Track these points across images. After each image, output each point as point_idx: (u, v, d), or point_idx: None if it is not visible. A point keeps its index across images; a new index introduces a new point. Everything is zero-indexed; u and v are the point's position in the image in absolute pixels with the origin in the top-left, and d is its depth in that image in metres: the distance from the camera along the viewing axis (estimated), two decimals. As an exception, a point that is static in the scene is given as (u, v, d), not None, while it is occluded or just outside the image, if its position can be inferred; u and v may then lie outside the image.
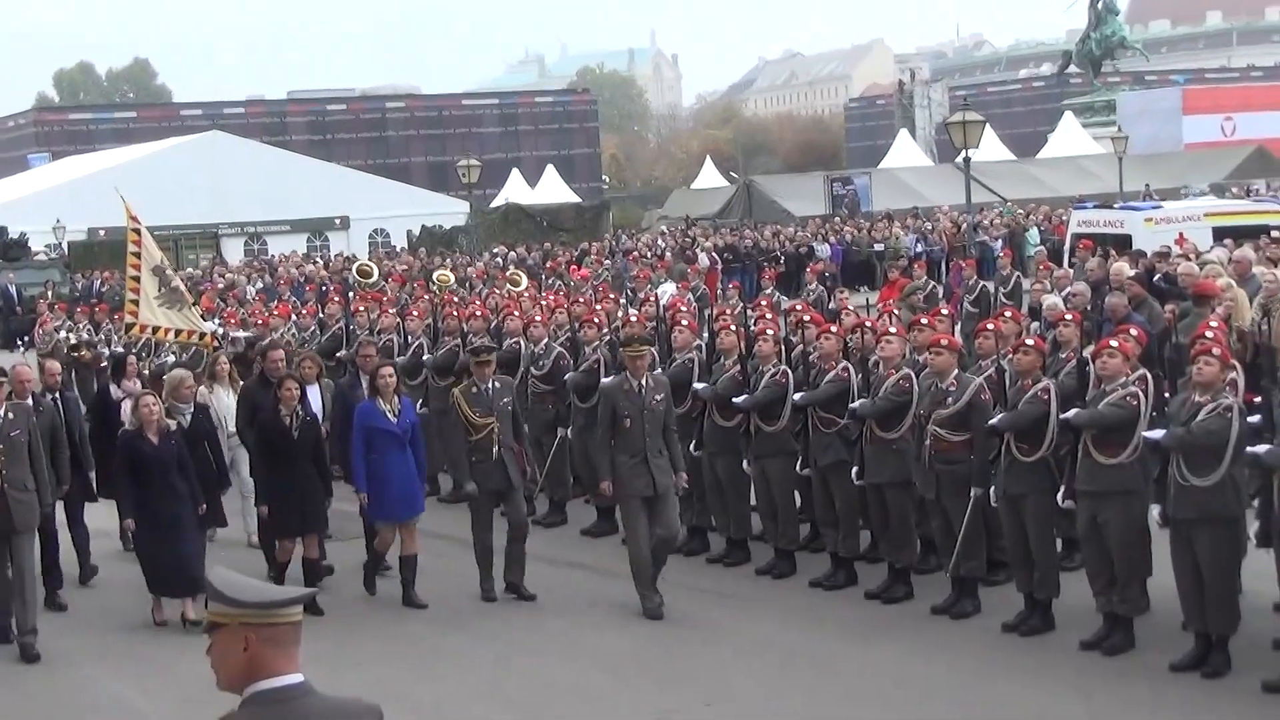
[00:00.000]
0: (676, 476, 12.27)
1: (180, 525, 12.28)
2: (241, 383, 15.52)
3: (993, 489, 11.24)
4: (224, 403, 15.24)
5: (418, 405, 15.76)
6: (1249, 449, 9.67)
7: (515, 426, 13.04)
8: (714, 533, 13.84)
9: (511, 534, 12.85)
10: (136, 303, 17.83)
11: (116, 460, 12.67)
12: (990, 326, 12.81)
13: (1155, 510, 10.22)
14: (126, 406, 13.88)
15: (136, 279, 17.82)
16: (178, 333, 18.10)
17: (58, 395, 14.18)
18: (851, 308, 16.23)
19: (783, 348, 13.63)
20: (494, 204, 65.45)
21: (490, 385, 12.89)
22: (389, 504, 12.86)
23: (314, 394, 14.42)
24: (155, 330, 18.14)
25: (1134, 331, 11.48)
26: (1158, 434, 10.00)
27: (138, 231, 17.77)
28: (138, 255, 17.73)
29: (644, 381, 12.21)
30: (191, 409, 13.78)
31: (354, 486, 13.06)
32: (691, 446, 13.46)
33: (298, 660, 4.15)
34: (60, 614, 13.01)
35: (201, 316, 20.13)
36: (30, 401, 12.63)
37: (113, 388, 15.70)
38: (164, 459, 12.30)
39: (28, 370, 13.09)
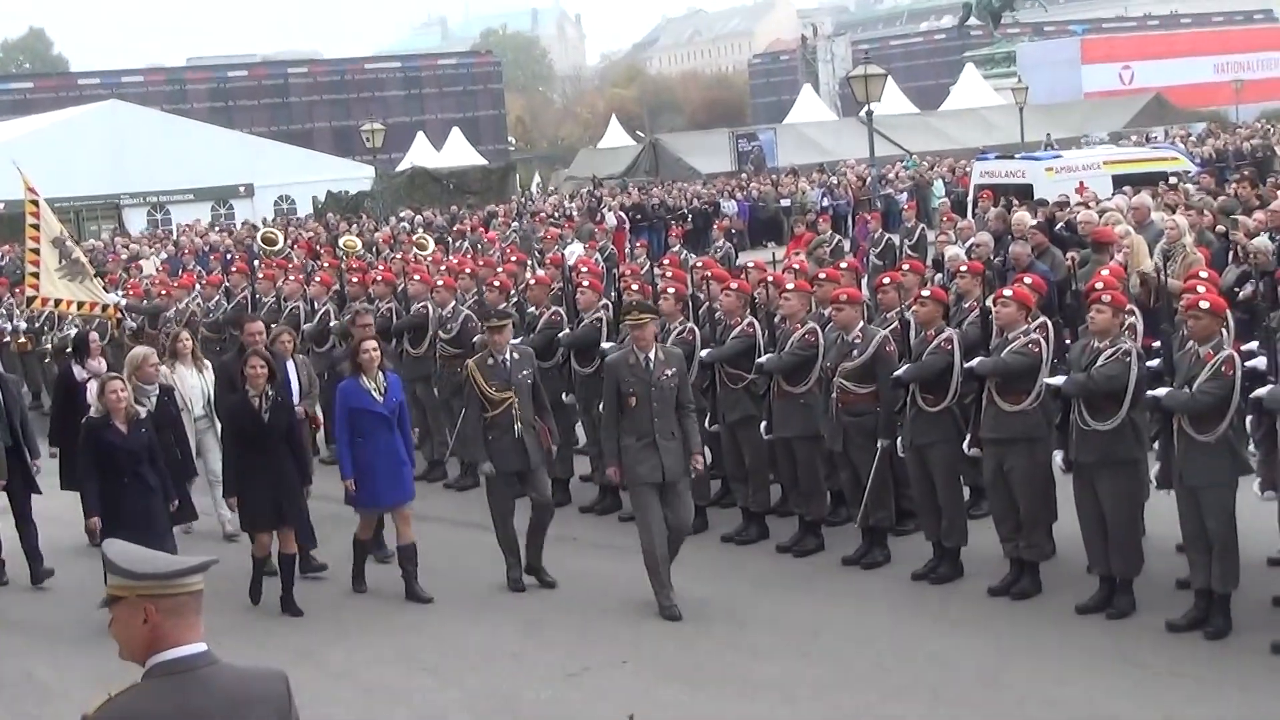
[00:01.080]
0: (692, 458, 11.11)
1: (152, 522, 11.17)
2: (208, 359, 15.02)
3: (899, 440, 11.36)
4: (188, 383, 14.17)
5: (323, 376, 15.67)
6: (1149, 393, 9.83)
7: (537, 400, 11.93)
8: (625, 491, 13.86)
9: (535, 516, 11.89)
10: (37, 275, 17.57)
11: (81, 451, 11.62)
12: (889, 280, 12.92)
13: (1058, 456, 10.37)
14: (92, 389, 13.04)
15: (36, 251, 17.56)
16: (80, 305, 17.86)
17: None
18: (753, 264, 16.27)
19: (690, 305, 13.67)
20: (399, 168, 65.00)
21: (508, 356, 11.77)
22: (378, 491, 11.81)
23: (291, 370, 13.93)
24: (57, 303, 17.90)
25: (1029, 280, 11.60)
26: (1059, 380, 10.14)
27: (35, 203, 17.51)
28: (36, 227, 17.47)
29: (652, 355, 11.01)
30: (156, 391, 12.82)
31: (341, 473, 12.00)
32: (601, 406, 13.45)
33: (200, 629, 4.15)
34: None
35: (104, 289, 19.88)
36: None
37: (75, 368, 14.69)
38: (134, 449, 11.36)
39: None
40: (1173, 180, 24.34)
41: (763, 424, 12.41)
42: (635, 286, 14.08)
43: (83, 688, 9.57)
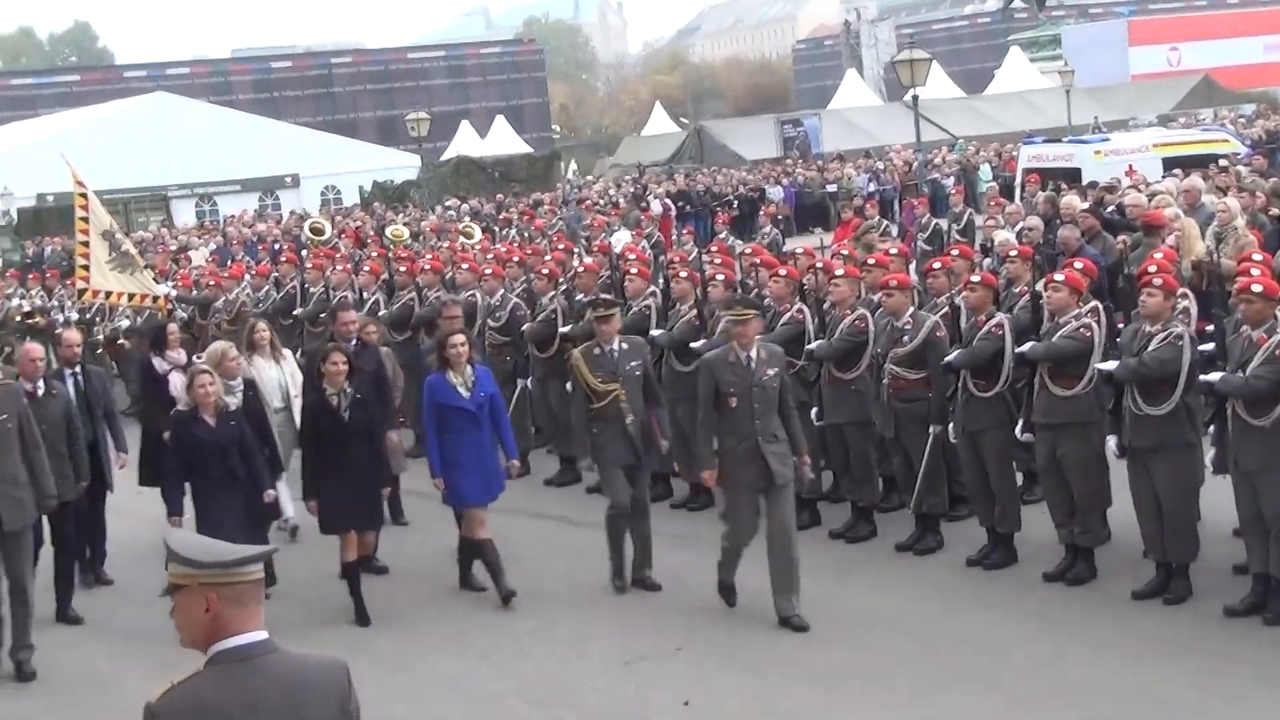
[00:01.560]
0: (799, 460, 10.49)
1: (239, 518, 10.74)
2: (289, 351, 14.76)
3: (951, 425, 11.33)
4: (266, 375, 13.53)
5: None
6: (1202, 377, 9.76)
7: (648, 393, 11.40)
8: (678, 478, 13.85)
9: (632, 514, 11.37)
10: (87, 268, 17.71)
11: (171, 446, 11.33)
12: (939, 265, 12.87)
13: (1112, 441, 10.31)
14: (175, 381, 12.90)
15: (86, 244, 17.69)
16: (130, 297, 17.99)
17: (78, 371, 12.73)
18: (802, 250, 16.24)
19: (738, 291, 13.64)
20: (444, 157, 65.07)
21: (616, 346, 11.31)
22: (464, 489, 11.41)
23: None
24: (108, 295, 18.03)
25: (1080, 264, 11.53)
26: (1111, 365, 10.08)
27: (85, 196, 17.63)
28: (86, 220, 17.60)
29: (754, 353, 10.34)
30: (241, 385, 12.38)
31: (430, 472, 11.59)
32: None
33: (260, 618, 4.18)
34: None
35: (154, 280, 20.01)
36: (40, 384, 11.45)
37: (156, 360, 14.11)
38: (222, 444, 10.94)
39: (38, 348, 11.67)
40: (1223, 163, 24.13)
41: (814, 410, 12.38)
42: (684, 274, 14.07)
43: (142, 680, 9.66)
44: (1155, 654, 9.30)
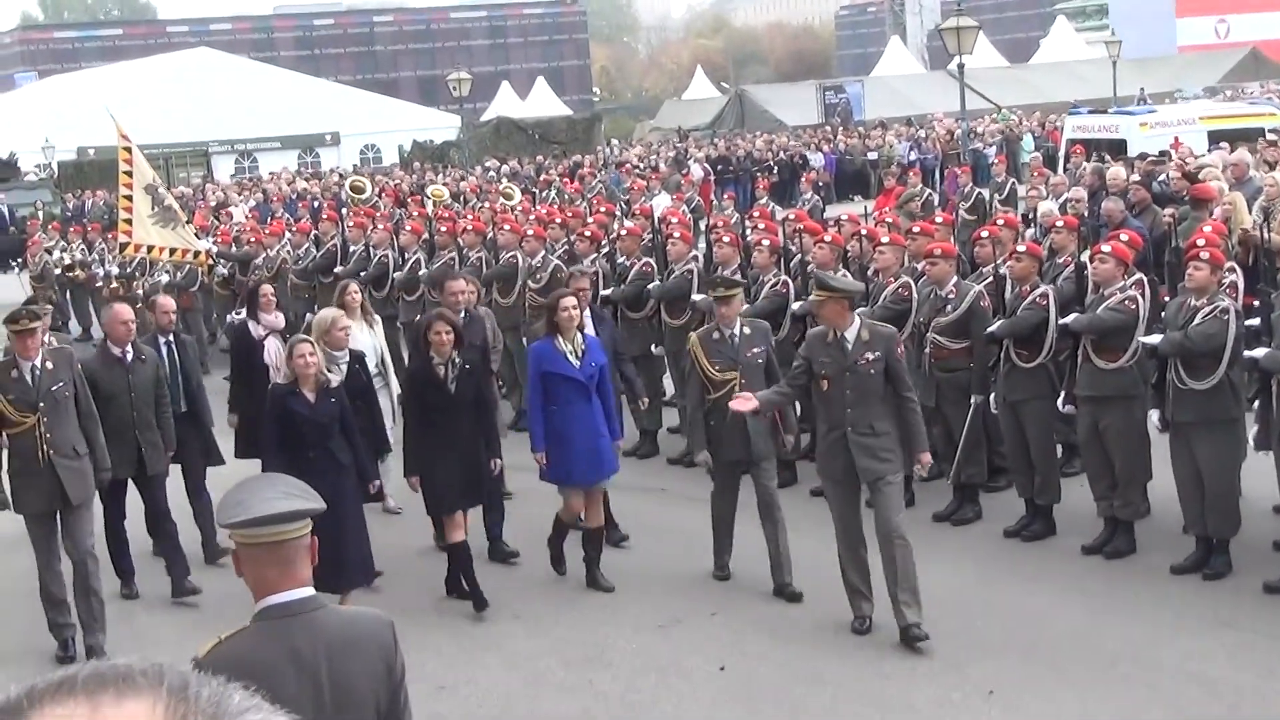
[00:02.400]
0: (916, 456, 9.52)
1: (339, 500, 9.18)
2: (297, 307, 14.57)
3: (992, 395, 11.27)
4: (360, 341, 12.17)
5: (397, 321, 15.67)
6: (1247, 353, 9.69)
7: (771, 380, 10.22)
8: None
9: (761, 512, 10.38)
10: (130, 222, 17.73)
11: (265, 420, 10.27)
12: (986, 234, 12.80)
13: (1154, 415, 10.25)
14: (272, 348, 12.24)
15: (129, 198, 17.72)
16: (172, 251, 18.03)
17: (172, 339, 11.98)
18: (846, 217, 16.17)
19: (781, 257, 13.61)
20: (484, 118, 65.09)
21: (738, 330, 10.31)
22: (571, 466, 10.56)
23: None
24: (150, 249, 18.06)
25: (1126, 236, 11.44)
26: (1155, 339, 10.01)
27: (129, 150, 17.65)
28: (129, 174, 17.62)
29: (852, 334, 9.22)
30: (347, 356, 11.28)
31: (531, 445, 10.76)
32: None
33: (305, 575, 4.23)
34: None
35: (195, 235, 20.06)
36: (129, 349, 10.89)
37: (251, 325, 13.16)
38: (322, 421, 9.96)
39: (126, 310, 11.04)
40: (1271, 136, 23.93)
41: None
42: (726, 239, 14.04)
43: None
44: (1192, 629, 9.25)
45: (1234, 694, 8.35)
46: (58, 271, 25.05)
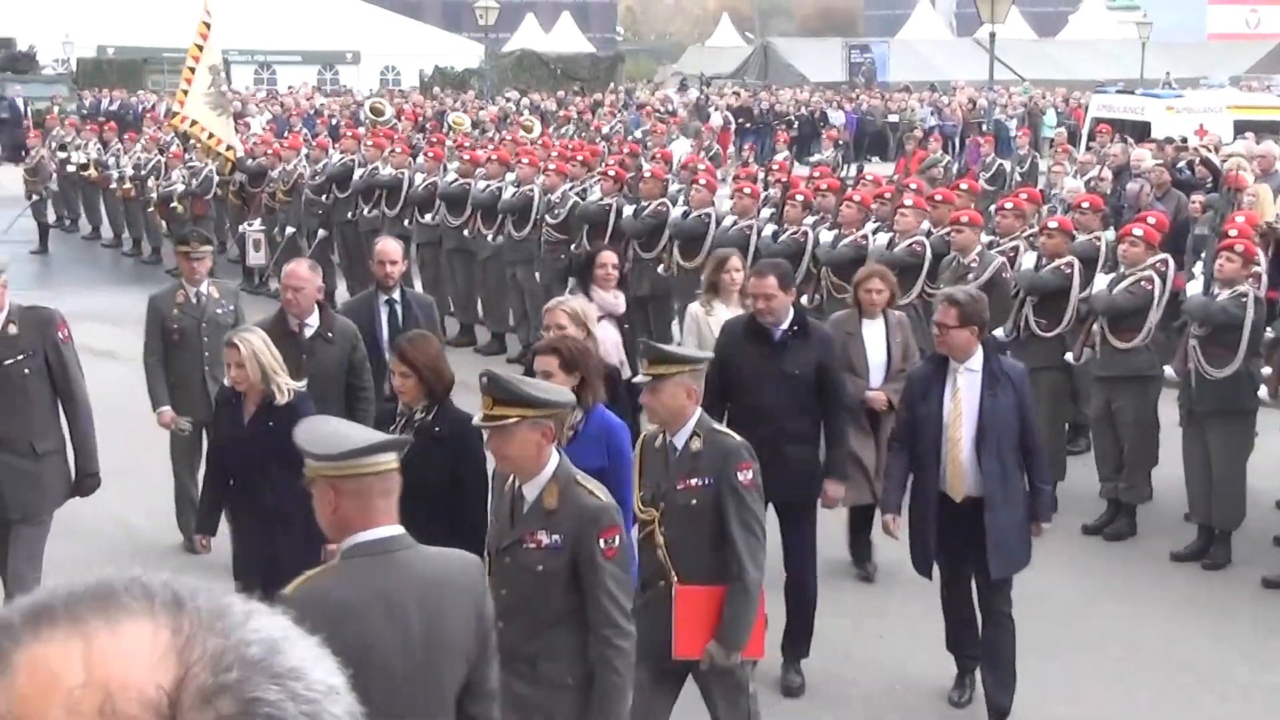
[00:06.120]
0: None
1: (274, 563, 7.08)
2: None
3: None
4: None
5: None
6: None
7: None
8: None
9: None
10: (186, 93, 17.99)
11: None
12: (1010, 204, 12.76)
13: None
14: (605, 334, 9.14)
15: (192, 70, 17.96)
16: (210, 136, 18.10)
17: (395, 298, 9.67)
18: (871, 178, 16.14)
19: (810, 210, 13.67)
20: (507, 48, 64.70)
21: (682, 441, 6.33)
22: None
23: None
24: (193, 124, 18.26)
25: (1153, 219, 11.41)
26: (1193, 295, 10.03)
27: (208, 26, 17.78)
28: (200, 49, 17.83)
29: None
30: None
31: None
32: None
33: (393, 513, 4.12)
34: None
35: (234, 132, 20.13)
36: (313, 320, 8.76)
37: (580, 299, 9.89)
38: (249, 449, 7.66)
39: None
40: (1299, 129, 23.81)
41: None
42: (747, 190, 14.01)
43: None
44: (1187, 616, 9.27)
45: (1224, 684, 8.36)
46: (71, 169, 24.93)
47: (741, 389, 7.93)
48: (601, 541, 5.20)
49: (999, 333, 10.50)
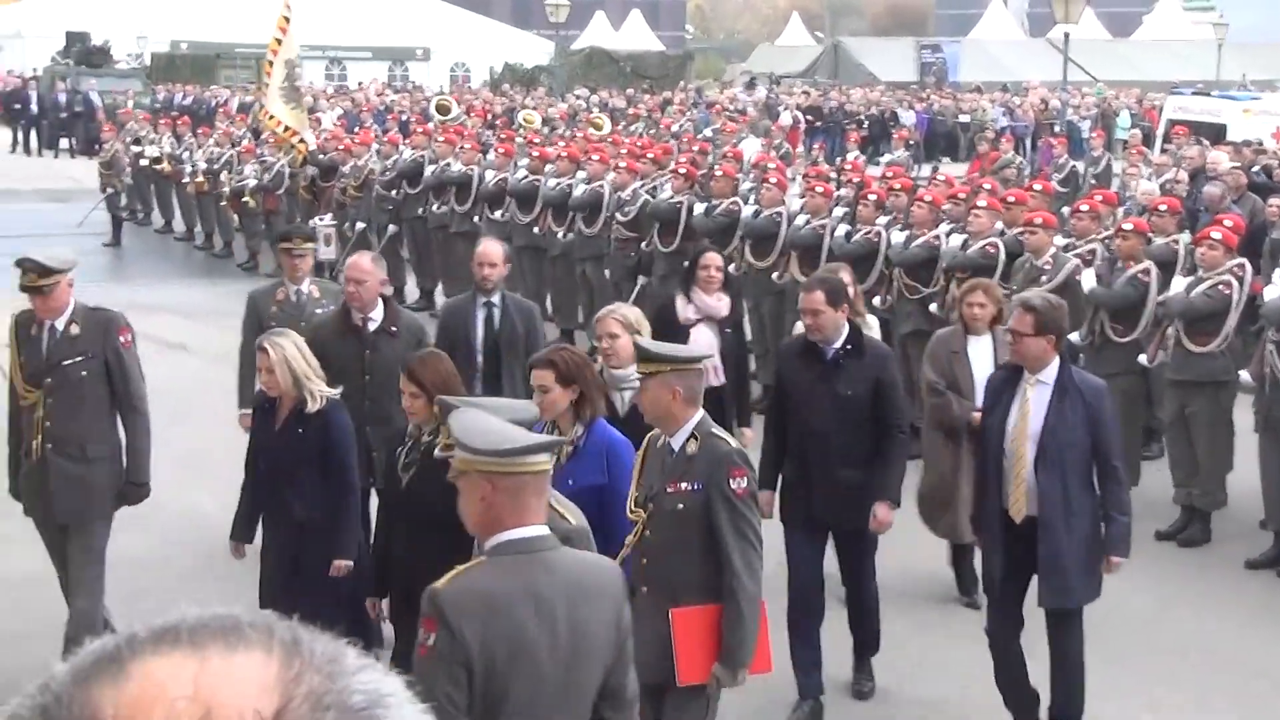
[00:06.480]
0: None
1: (295, 576, 7.24)
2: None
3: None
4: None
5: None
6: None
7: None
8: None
9: None
10: (266, 86, 18.38)
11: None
12: (1086, 207, 12.65)
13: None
14: (701, 338, 8.99)
15: (271, 63, 18.23)
16: (285, 129, 18.25)
17: (493, 300, 9.09)
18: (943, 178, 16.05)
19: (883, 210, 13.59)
20: (576, 45, 64.78)
21: (678, 442, 6.04)
22: None
23: None
24: (270, 117, 18.52)
25: (1230, 221, 11.30)
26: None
27: (288, 20, 17.98)
28: (279, 42, 18.05)
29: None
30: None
31: None
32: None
33: (542, 513, 4.14)
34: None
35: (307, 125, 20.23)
36: (377, 314, 8.39)
37: (680, 303, 9.53)
38: (280, 456, 7.45)
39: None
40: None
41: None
42: (819, 189, 13.96)
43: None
44: (1262, 623, 9.17)
45: (1296, 693, 8.26)
46: (144, 164, 25.13)
47: (795, 410, 7.68)
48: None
49: (1074, 337, 10.39)
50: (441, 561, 4.39)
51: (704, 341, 8.82)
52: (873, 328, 8.81)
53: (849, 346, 7.56)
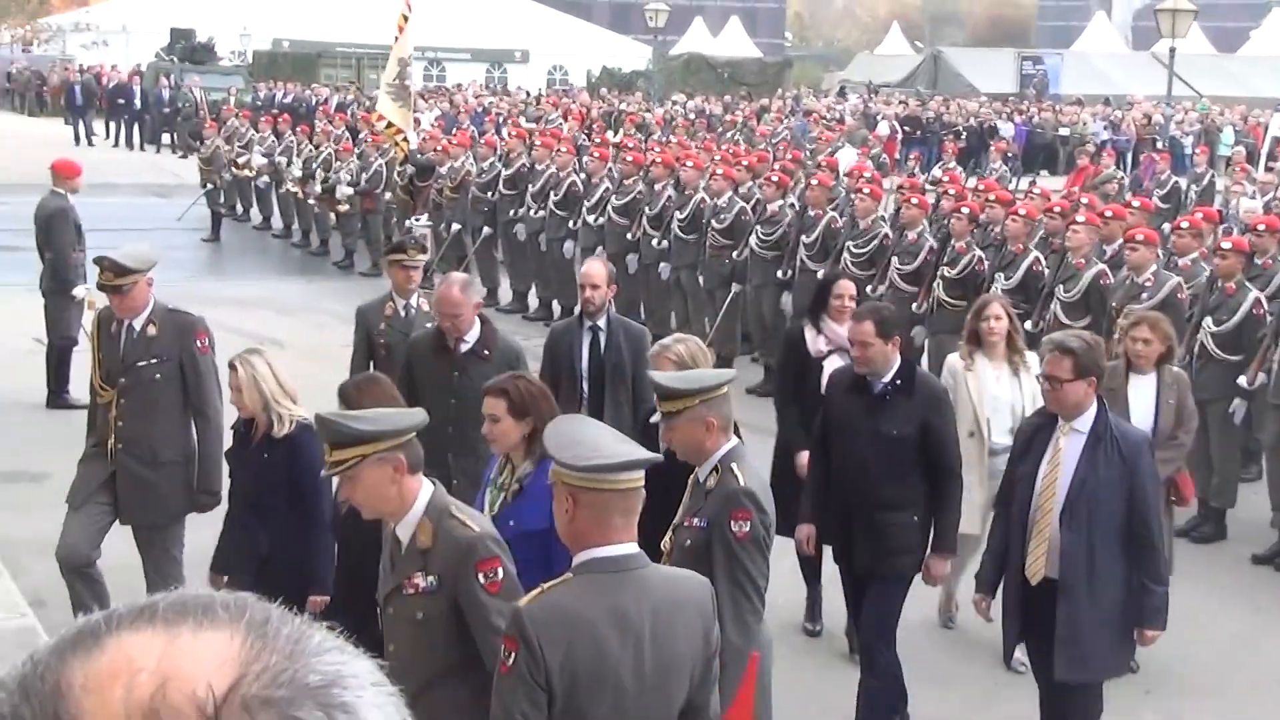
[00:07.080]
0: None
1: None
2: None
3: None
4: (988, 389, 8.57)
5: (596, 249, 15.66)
6: None
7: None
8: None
9: None
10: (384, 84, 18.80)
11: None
12: (1186, 224, 12.47)
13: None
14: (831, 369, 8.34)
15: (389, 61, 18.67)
16: (389, 125, 18.42)
17: (599, 324, 8.66)
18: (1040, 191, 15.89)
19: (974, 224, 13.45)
20: (674, 51, 64.76)
21: (704, 475, 5.69)
22: None
23: None
24: (378, 116, 18.81)
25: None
26: None
27: (406, 19, 18.19)
28: (395, 40, 18.30)
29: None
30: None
31: None
32: None
33: (632, 530, 4.07)
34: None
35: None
36: (472, 335, 7.89)
37: (809, 334, 8.81)
38: (245, 480, 7.21)
39: (456, 296, 7.78)
40: None
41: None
42: (914, 201, 13.86)
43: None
44: (1361, 654, 8.97)
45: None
46: (246, 173, 25.36)
47: (836, 445, 7.30)
48: (480, 575, 4.73)
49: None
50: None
51: None
52: (1030, 366, 8.27)
53: (898, 382, 7.14)
